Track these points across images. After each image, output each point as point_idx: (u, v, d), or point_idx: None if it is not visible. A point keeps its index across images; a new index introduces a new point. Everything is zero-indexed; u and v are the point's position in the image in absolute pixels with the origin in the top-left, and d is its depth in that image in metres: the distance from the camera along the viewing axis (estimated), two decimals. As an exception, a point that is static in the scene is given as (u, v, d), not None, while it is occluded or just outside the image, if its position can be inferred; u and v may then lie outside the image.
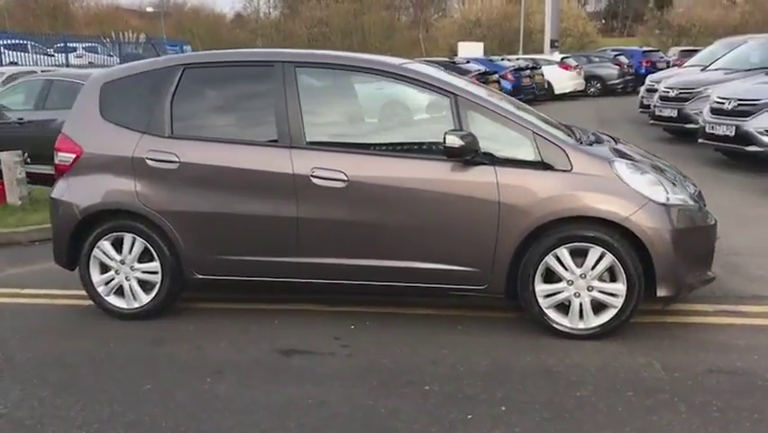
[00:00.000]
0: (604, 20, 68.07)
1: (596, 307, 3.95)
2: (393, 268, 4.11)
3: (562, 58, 25.41)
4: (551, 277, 3.98)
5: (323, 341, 4.08)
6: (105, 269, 4.46)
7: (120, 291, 4.47)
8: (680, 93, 12.01)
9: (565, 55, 26.80)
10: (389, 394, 3.43)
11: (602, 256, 3.86)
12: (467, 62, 20.55)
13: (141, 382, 3.63)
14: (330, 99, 4.57)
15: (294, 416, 3.24)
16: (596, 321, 3.95)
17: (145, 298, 4.44)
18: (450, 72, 4.71)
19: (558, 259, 3.92)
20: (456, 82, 4.33)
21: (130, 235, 4.37)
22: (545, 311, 4.00)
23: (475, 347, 3.93)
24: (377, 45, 47.58)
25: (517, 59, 25.30)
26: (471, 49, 33.36)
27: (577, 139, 4.24)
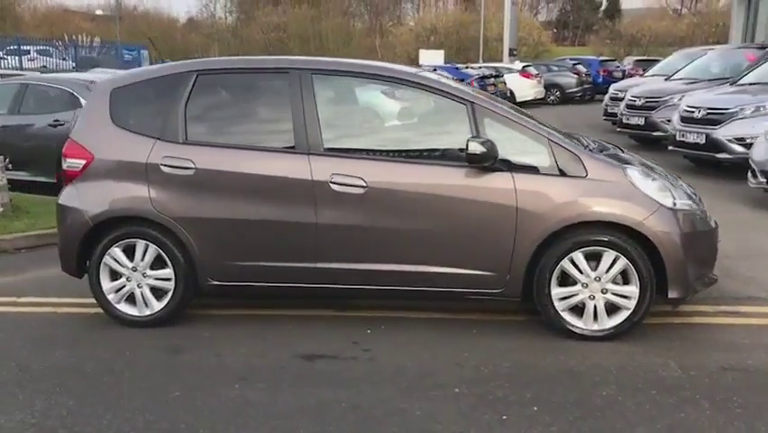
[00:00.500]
0: (555, 29, 69.50)
1: (609, 309, 4.08)
2: (411, 272, 4.17)
3: (524, 66, 25.87)
4: (566, 280, 4.10)
5: (343, 346, 4.11)
6: (115, 276, 4.40)
7: (131, 299, 4.42)
8: (646, 102, 12.41)
9: (526, 63, 27.31)
10: (420, 397, 3.48)
11: (616, 260, 4.00)
12: (434, 70, 20.70)
13: (166, 390, 3.59)
14: (347, 106, 4.62)
15: (330, 419, 3.27)
16: (609, 323, 4.08)
17: (157, 305, 4.40)
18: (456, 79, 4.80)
19: (573, 262, 4.04)
20: (470, 90, 4.42)
21: (142, 242, 4.33)
22: (561, 314, 4.11)
23: (494, 350, 4.02)
24: (334, 52, 47.54)
25: (480, 67, 25.65)
26: (432, 57, 33.68)
27: (585, 146, 4.37)
